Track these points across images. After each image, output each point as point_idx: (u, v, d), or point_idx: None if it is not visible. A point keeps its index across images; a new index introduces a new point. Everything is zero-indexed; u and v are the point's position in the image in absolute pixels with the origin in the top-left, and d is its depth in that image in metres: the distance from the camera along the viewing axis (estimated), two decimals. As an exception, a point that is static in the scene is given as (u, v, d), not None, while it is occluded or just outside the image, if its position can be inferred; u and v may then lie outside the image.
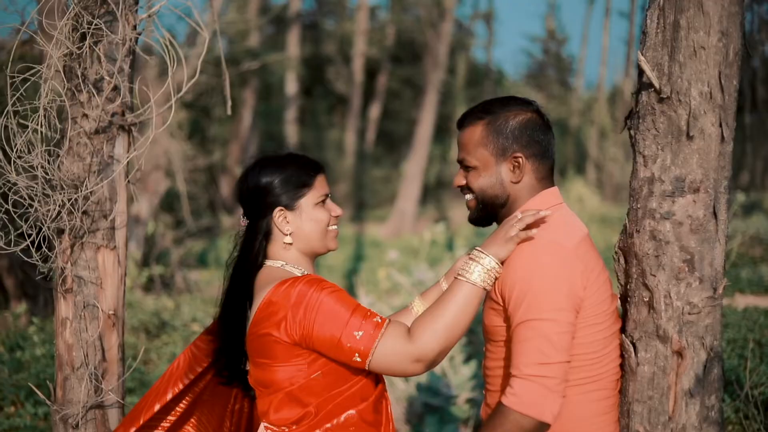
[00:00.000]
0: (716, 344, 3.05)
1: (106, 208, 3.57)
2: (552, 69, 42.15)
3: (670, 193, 2.99)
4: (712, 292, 3.01)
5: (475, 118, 3.16)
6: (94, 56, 3.50)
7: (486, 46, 37.86)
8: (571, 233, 3.01)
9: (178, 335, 8.87)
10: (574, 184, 29.08)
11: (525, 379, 2.85)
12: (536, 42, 42.28)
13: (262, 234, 3.21)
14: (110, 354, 3.61)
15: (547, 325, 2.86)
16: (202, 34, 3.75)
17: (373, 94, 28.87)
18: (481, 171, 3.14)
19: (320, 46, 28.44)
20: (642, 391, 3.05)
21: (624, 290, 3.17)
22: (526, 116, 3.12)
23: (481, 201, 3.17)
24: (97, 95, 3.49)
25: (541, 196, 3.13)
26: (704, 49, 2.92)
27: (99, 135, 3.52)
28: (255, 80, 21.55)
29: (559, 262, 2.92)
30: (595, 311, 2.97)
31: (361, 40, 26.44)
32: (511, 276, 2.95)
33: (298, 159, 3.26)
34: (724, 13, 2.92)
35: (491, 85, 36.33)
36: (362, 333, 2.93)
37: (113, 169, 3.57)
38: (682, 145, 2.97)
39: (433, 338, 2.91)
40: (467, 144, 3.17)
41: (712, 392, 3.05)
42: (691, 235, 2.99)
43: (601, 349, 3.03)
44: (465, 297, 2.96)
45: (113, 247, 3.59)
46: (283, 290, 2.99)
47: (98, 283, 3.56)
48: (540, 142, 3.12)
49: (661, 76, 2.99)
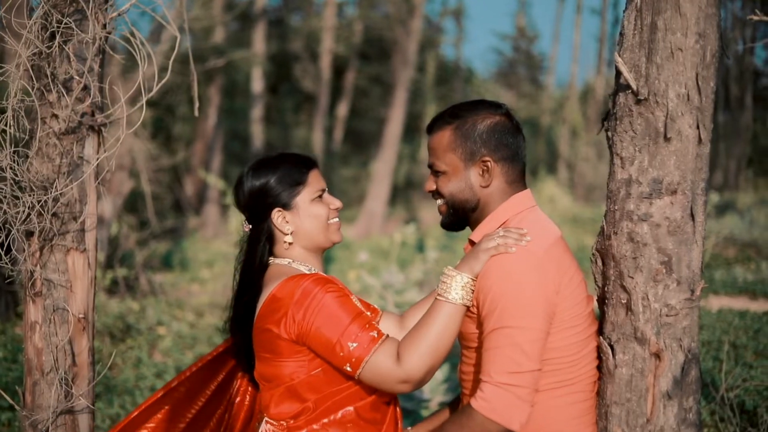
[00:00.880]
0: (694, 346, 3.11)
1: (76, 209, 3.57)
2: (523, 67, 42.29)
3: (648, 194, 3.04)
4: (690, 293, 3.07)
5: (444, 122, 3.22)
6: (64, 55, 3.50)
7: (456, 43, 37.89)
8: (543, 238, 3.06)
9: (143, 339, 8.85)
10: (546, 185, 29.20)
11: (496, 386, 2.90)
12: (506, 40, 42.40)
13: (265, 237, 3.28)
14: (80, 358, 3.62)
15: (518, 333, 2.91)
16: (172, 32, 3.76)
17: (340, 92, 28.85)
18: (451, 176, 3.20)
19: (287, 43, 28.38)
20: (620, 393, 3.10)
21: (601, 292, 3.22)
22: (494, 120, 3.17)
23: (452, 206, 3.23)
24: (66, 95, 3.48)
25: (513, 200, 3.18)
26: (681, 50, 2.98)
27: (68, 135, 3.52)
28: (220, 78, 21.48)
29: (530, 269, 2.96)
30: (570, 314, 3.03)
31: (328, 36, 26.39)
32: (484, 284, 3.00)
33: (290, 157, 3.33)
34: (701, 15, 2.98)
35: (461, 83, 36.37)
36: (356, 345, 2.98)
37: (83, 170, 3.56)
38: (659, 147, 3.02)
39: (420, 360, 2.96)
40: (436, 149, 3.22)
41: (689, 394, 3.11)
42: (669, 237, 3.04)
43: (577, 351, 3.08)
44: (447, 316, 3.01)
45: (83, 249, 3.59)
46: (289, 287, 3.06)
47: (68, 287, 3.56)
48: (509, 145, 3.17)
49: (639, 78, 3.04)
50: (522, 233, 3.02)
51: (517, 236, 3.01)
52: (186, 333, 9.25)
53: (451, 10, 35.89)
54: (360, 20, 28.13)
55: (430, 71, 31.33)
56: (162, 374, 7.66)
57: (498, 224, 3.17)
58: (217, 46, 19.32)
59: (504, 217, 3.17)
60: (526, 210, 3.18)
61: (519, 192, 3.21)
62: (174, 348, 8.62)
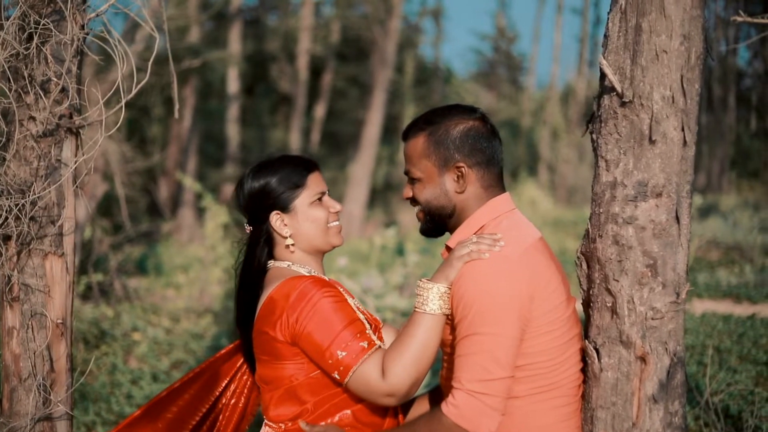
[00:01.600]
0: (679, 349, 3.14)
1: (54, 213, 3.57)
2: (502, 67, 42.39)
3: (633, 197, 3.07)
4: (675, 296, 3.10)
5: (418, 129, 3.25)
6: (41, 56, 3.50)
7: (434, 43, 37.94)
8: (518, 242, 3.08)
9: (117, 345, 8.83)
10: (526, 187, 29.28)
11: (466, 393, 2.94)
12: (486, 40, 42.48)
13: (264, 239, 3.33)
14: (58, 364, 3.63)
15: (490, 339, 2.95)
16: (151, 33, 3.77)
17: (318, 93, 28.84)
18: (426, 182, 3.23)
19: (263, 43, 28.32)
20: (605, 397, 3.13)
21: (587, 295, 3.25)
22: (467, 125, 3.20)
23: (428, 212, 3.27)
24: (44, 97, 3.49)
25: (490, 205, 3.22)
26: (666, 52, 3.01)
27: (46, 138, 3.53)
28: (194, 79, 21.44)
29: (503, 275, 2.99)
30: (548, 318, 3.05)
31: (305, 36, 26.37)
32: (457, 291, 3.03)
33: (290, 160, 3.37)
34: (686, 17, 3.02)
35: (440, 84, 36.41)
36: (345, 354, 3.02)
37: (61, 173, 3.57)
38: (644, 150, 3.06)
39: (404, 373, 2.99)
40: (411, 156, 3.26)
41: (675, 398, 3.13)
42: (654, 240, 3.07)
43: (558, 355, 3.11)
44: (427, 327, 3.04)
45: (61, 253, 3.60)
46: (285, 289, 3.11)
47: (46, 291, 3.56)
48: (483, 150, 3.20)
49: (624, 80, 3.07)
50: (496, 238, 3.05)
51: (490, 242, 3.04)
52: (162, 339, 9.24)
53: (430, 10, 35.94)
54: (337, 20, 28.13)
55: (408, 72, 31.34)
56: (138, 381, 7.65)
57: (475, 229, 3.20)
58: (192, 46, 19.28)
59: (481, 222, 3.21)
60: (504, 214, 3.21)
61: (496, 196, 3.24)
62: (150, 354, 8.61)
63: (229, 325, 10.02)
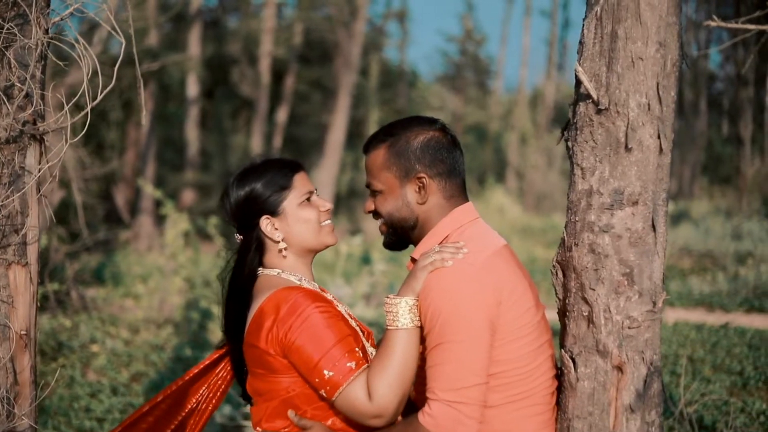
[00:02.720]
0: (656, 359, 3.19)
1: (18, 222, 3.57)
2: (470, 71, 42.46)
3: (609, 205, 3.12)
4: (652, 305, 3.15)
5: (378, 141, 3.30)
6: (5, 61, 3.50)
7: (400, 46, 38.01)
8: (481, 249, 3.12)
9: (75, 357, 8.80)
10: (494, 194, 29.38)
11: (442, 403, 2.97)
12: (453, 41, 42.53)
13: (254, 246, 3.33)
14: (22, 377, 3.63)
15: (460, 347, 2.98)
16: (119, 39, 3.78)
17: (280, 97, 28.76)
18: (387, 195, 3.28)
19: (223, 45, 28.24)
20: (582, 407, 3.17)
21: (562, 305, 3.29)
22: (427, 135, 3.25)
23: (391, 225, 3.31)
24: (7, 103, 3.49)
25: (453, 215, 3.26)
26: (642, 59, 3.07)
27: (9, 145, 3.52)
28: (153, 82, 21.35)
29: (467, 282, 3.03)
30: (516, 325, 3.08)
31: (267, 39, 26.27)
32: (424, 301, 3.06)
33: (274, 163, 3.39)
34: (662, 24, 3.07)
35: (405, 87, 36.47)
36: (333, 374, 3.03)
37: (24, 181, 3.57)
38: (620, 157, 3.11)
39: (391, 392, 3.01)
40: (372, 168, 3.31)
41: (652, 407, 3.18)
42: (630, 248, 3.13)
43: (530, 362, 3.13)
44: (404, 343, 3.06)
45: (25, 263, 3.60)
46: (276, 300, 3.12)
47: (9, 302, 3.56)
48: (444, 160, 3.24)
49: (599, 87, 3.12)
50: (458, 246, 3.10)
51: (453, 250, 3.08)
52: (121, 351, 9.21)
53: (395, 12, 36.02)
54: (300, 21, 28.08)
55: (373, 75, 31.35)
56: (97, 394, 7.63)
57: (439, 240, 3.24)
58: (150, 49, 19.22)
59: (445, 232, 3.25)
60: (468, 223, 3.25)
61: (459, 206, 3.28)
62: (109, 366, 8.58)
63: (191, 335, 10.00)
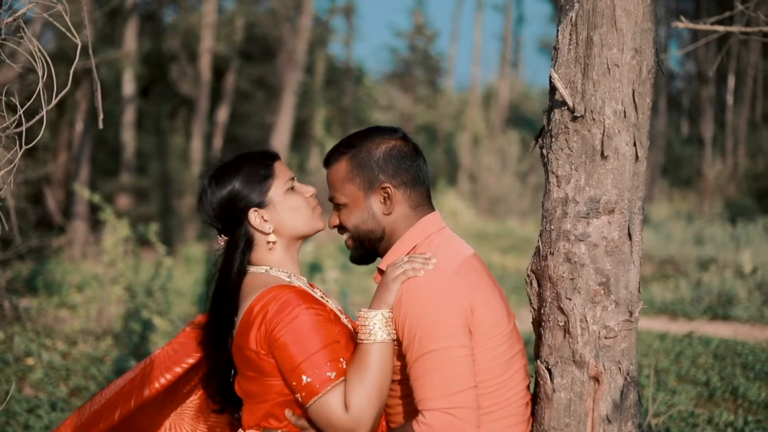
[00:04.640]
0: (632, 369, 3.28)
1: (-39, 231, 3.60)
2: (419, 68, 42.51)
3: (585, 214, 3.21)
4: (628, 315, 3.25)
5: (339, 153, 3.36)
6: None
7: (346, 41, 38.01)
8: (451, 258, 3.20)
9: (10, 371, 8.75)
10: (447, 197, 29.38)
11: (437, 411, 3.00)
12: (402, 37, 42.57)
13: (243, 243, 3.36)
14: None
15: (443, 354, 3.03)
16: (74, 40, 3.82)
17: (221, 96, 28.66)
18: (352, 207, 3.34)
19: (161, 41, 28.07)
20: (558, 419, 3.24)
21: (538, 315, 3.37)
22: (389, 144, 3.33)
23: (358, 238, 3.37)
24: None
25: (420, 224, 3.34)
26: (618, 66, 3.16)
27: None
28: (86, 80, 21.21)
29: (441, 290, 3.09)
30: (490, 334, 3.15)
31: (207, 34, 26.10)
32: (399, 314, 3.12)
33: (250, 156, 3.43)
34: (638, 30, 3.18)
35: (351, 84, 36.47)
36: (311, 380, 3.07)
37: (-25, 188, 3.61)
38: (596, 165, 3.20)
39: (369, 405, 3.05)
40: (334, 181, 3.37)
41: (628, 418, 3.26)
42: (607, 257, 3.22)
43: (502, 373, 3.20)
44: (380, 355, 3.10)
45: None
46: (266, 299, 3.16)
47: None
48: (408, 169, 3.32)
49: (575, 94, 3.21)
50: (427, 257, 3.17)
51: (422, 260, 3.15)
52: (59, 363, 9.16)
53: (342, 6, 36.01)
54: (242, 16, 27.96)
55: (319, 73, 31.31)
56: (35, 409, 7.58)
57: (406, 250, 3.31)
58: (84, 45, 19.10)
59: (412, 242, 3.32)
60: (435, 232, 3.33)
61: (426, 215, 3.36)
62: (46, 380, 8.53)
63: (132, 347, 9.98)
